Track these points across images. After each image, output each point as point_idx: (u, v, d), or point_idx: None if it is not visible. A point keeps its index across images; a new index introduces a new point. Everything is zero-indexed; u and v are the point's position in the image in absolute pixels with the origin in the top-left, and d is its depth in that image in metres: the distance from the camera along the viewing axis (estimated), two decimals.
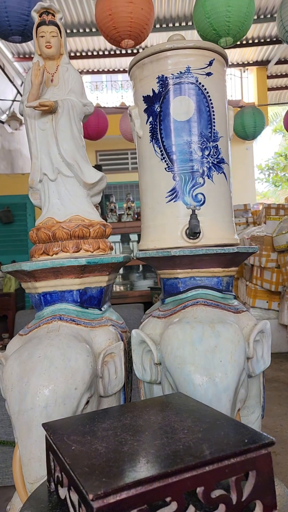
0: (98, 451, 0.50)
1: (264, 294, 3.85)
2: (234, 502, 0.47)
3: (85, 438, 0.54)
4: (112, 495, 0.40)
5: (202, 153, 0.88)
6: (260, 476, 0.48)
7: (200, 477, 0.45)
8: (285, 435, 2.06)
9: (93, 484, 0.41)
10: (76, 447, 0.51)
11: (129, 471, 0.44)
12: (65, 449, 0.51)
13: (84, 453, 0.50)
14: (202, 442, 0.50)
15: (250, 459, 0.48)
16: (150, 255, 0.89)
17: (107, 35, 2.62)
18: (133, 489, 0.41)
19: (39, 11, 0.99)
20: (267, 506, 0.48)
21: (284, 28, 2.61)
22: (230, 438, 0.50)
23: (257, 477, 0.48)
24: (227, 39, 2.53)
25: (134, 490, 0.41)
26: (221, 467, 0.46)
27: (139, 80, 0.94)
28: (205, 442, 0.50)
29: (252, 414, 0.89)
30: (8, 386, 0.78)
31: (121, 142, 5.35)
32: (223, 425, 0.54)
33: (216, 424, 0.55)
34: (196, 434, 0.53)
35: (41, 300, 0.90)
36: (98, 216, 0.99)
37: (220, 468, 0.46)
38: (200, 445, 0.49)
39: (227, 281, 0.91)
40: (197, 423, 0.56)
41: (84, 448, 0.51)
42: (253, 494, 0.48)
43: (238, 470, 0.47)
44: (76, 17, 5.38)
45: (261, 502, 0.48)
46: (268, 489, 0.49)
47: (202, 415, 0.59)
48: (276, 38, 6.18)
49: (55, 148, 0.95)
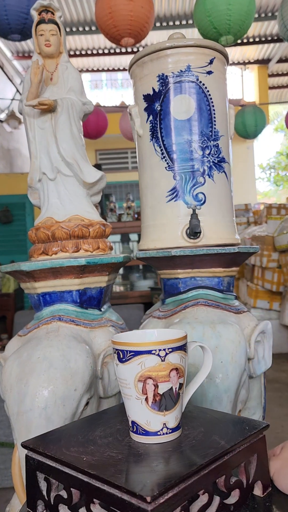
0: (114, 458, 0.48)
1: (265, 294, 3.84)
2: (244, 485, 0.50)
3: (87, 447, 0.51)
4: (161, 495, 0.40)
5: (202, 152, 0.88)
6: (259, 459, 0.52)
7: (223, 466, 0.48)
8: (287, 436, 2.05)
9: (145, 489, 0.40)
10: (86, 457, 0.48)
11: (163, 470, 0.44)
12: (75, 461, 0.47)
13: (101, 462, 0.47)
14: (211, 435, 0.52)
15: (253, 444, 0.52)
16: (150, 255, 0.88)
17: (107, 34, 2.61)
18: (176, 487, 0.41)
19: (39, 9, 0.98)
20: (265, 485, 0.53)
21: (285, 26, 2.60)
22: (232, 428, 0.54)
23: (257, 460, 0.52)
24: (228, 38, 2.52)
25: (177, 488, 0.42)
26: (235, 454, 0.49)
27: (139, 79, 0.93)
28: (214, 435, 0.52)
29: (253, 415, 0.89)
30: (7, 387, 0.77)
31: (121, 141, 5.35)
32: (219, 419, 0.57)
33: (213, 419, 0.57)
34: (199, 428, 0.54)
35: (40, 300, 0.90)
36: (97, 215, 0.98)
37: (235, 456, 0.49)
38: (211, 438, 0.51)
39: (228, 281, 0.91)
40: (193, 419, 0.57)
41: (96, 457, 0.48)
42: (255, 475, 0.52)
43: (247, 455, 0.51)
44: (75, 15, 5.37)
45: (261, 482, 0.52)
46: (265, 469, 0.53)
47: (196, 413, 0.60)
48: (277, 37, 6.16)
49: (54, 147, 0.94)
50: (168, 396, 0.52)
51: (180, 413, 0.54)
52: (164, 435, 0.52)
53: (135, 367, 0.52)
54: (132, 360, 0.52)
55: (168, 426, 0.53)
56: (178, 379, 0.53)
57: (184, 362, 0.54)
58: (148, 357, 0.51)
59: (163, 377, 0.51)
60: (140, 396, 0.52)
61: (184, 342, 0.54)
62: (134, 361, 0.51)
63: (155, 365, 0.51)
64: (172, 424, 0.53)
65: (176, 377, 0.52)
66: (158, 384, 0.51)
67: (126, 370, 0.52)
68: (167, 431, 0.52)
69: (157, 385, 0.51)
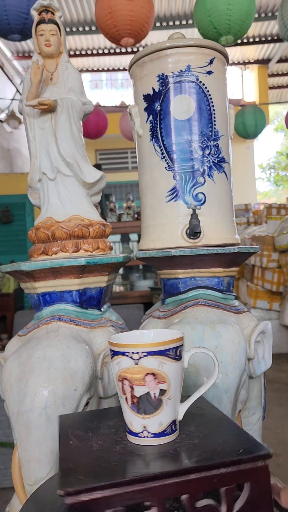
0: (91, 448, 0.50)
1: (265, 294, 3.84)
2: None
3: (87, 434, 0.54)
4: (84, 493, 0.41)
5: (202, 152, 0.88)
6: (255, 489, 0.46)
7: (184, 484, 0.43)
8: (287, 436, 2.05)
9: (69, 480, 0.43)
10: (74, 442, 0.52)
11: (110, 472, 0.44)
12: (64, 444, 0.52)
13: (78, 449, 0.50)
14: (194, 449, 0.48)
15: (243, 471, 0.45)
16: (150, 255, 0.88)
17: (107, 34, 2.61)
18: (108, 490, 0.41)
19: (39, 9, 0.98)
20: None
21: (285, 26, 2.60)
22: (226, 446, 0.48)
23: (251, 489, 0.46)
24: (228, 38, 2.52)
25: (109, 491, 0.41)
26: (208, 476, 0.44)
27: (139, 79, 0.93)
28: (197, 449, 0.48)
29: (253, 416, 0.89)
30: (7, 387, 0.77)
31: (121, 141, 5.35)
32: (225, 432, 0.53)
33: (218, 431, 0.53)
34: (194, 440, 0.52)
35: (40, 300, 0.90)
36: (97, 215, 0.98)
37: (207, 477, 0.44)
38: (191, 452, 0.48)
39: (228, 281, 0.91)
40: (200, 428, 0.55)
41: (81, 444, 0.52)
42: (246, 506, 0.45)
43: (228, 480, 0.44)
44: (75, 16, 5.37)
45: None
46: (264, 503, 0.46)
47: (209, 420, 0.57)
48: (277, 37, 6.16)
49: (54, 147, 0.94)
50: (146, 400, 0.51)
51: (168, 419, 0.52)
52: (145, 438, 0.52)
53: (115, 366, 0.53)
54: (113, 359, 0.53)
55: (149, 430, 0.52)
56: (157, 384, 0.51)
57: (167, 368, 0.51)
58: (122, 358, 0.51)
59: (138, 380, 0.51)
60: (122, 395, 0.53)
61: (167, 347, 0.51)
62: (114, 361, 0.53)
63: (130, 367, 0.51)
64: (154, 429, 0.52)
65: (153, 382, 0.50)
66: (133, 386, 0.51)
67: (111, 368, 0.55)
68: (147, 435, 0.52)
69: (132, 387, 0.51)
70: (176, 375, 0.52)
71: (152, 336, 0.61)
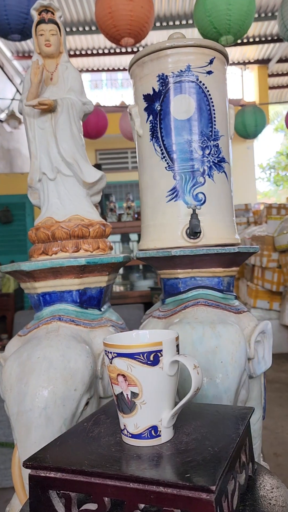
0: (87, 435, 0.55)
1: (265, 294, 3.84)
2: None
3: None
4: (42, 470, 0.48)
5: (202, 152, 0.88)
6: None
7: (122, 490, 0.44)
8: (287, 436, 2.05)
9: (38, 457, 0.50)
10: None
11: (74, 460, 0.48)
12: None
13: (75, 434, 0.56)
14: (163, 461, 0.47)
15: (184, 497, 0.41)
16: (150, 255, 0.88)
17: (107, 33, 2.61)
18: (59, 473, 0.47)
19: (38, 9, 0.98)
20: None
21: (285, 26, 2.60)
22: (188, 465, 0.44)
23: None
24: (228, 38, 2.52)
25: (60, 474, 0.47)
26: (144, 490, 0.43)
27: (139, 79, 0.93)
28: (165, 462, 0.46)
29: (253, 416, 0.88)
30: (7, 387, 0.77)
31: (121, 141, 5.35)
32: (204, 452, 0.47)
33: (200, 446, 0.49)
34: (178, 446, 0.50)
35: (40, 300, 0.90)
36: (97, 215, 0.98)
37: (143, 490, 0.43)
38: (156, 462, 0.46)
39: (228, 281, 0.91)
40: (192, 438, 0.52)
41: (83, 432, 0.56)
42: None
43: (167, 502, 0.42)
44: (75, 15, 5.36)
45: None
46: None
47: (209, 422, 0.56)
48: (277, 37, 6.16)
49: (54, 147, 0.94)
50: (122, 400, 0.51)
51: (146, 423, 0.51)
52: (125, 436, 0.52)
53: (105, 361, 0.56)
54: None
55: (128, 429, 0.52)
56: (128, 386, 0.50)
57: (137, 372, 0.49)
58: (104, 356, 0.54)
59: (113, 379, 0.52)
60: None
61: (136, 351, 0.49)
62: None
63: (109, 366, 0.53)
64: (131, 429, 0.51)
65: (124, 383, 0.50)
66: (112, 384, 0.53)
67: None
68: (127, 434, 0.52)
69: (111, 384, 0.53)
70: (151, 380, 0.49)
71: (147, 337, 0.60)
